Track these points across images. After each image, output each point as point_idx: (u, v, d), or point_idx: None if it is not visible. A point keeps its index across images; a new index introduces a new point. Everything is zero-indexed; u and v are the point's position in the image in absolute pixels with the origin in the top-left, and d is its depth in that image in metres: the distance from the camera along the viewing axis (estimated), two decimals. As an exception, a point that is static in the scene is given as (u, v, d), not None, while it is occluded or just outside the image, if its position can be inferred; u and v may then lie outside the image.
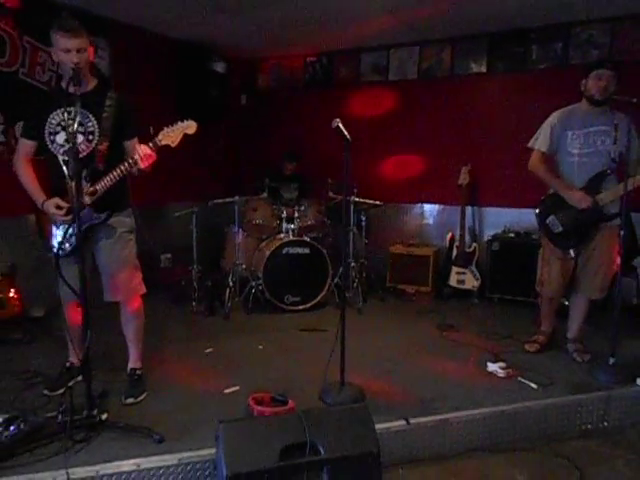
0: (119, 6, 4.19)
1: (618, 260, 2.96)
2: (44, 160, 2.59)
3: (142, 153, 2.35)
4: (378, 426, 2.18)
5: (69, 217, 2.45)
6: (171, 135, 2.41)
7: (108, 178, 2.42)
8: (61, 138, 2.47)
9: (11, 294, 3.61)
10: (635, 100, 2.77)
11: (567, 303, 3.47)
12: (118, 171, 2.42)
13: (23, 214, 3.75)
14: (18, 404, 2.53)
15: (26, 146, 2.58)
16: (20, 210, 3.66)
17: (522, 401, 2.67)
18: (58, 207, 2.44)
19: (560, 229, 3.15)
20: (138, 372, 2.79)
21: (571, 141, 3.11)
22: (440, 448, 2.46)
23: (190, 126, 2.45)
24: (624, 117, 2.99)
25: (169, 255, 5.23)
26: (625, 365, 2.96)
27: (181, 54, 5.25)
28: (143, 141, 2.49)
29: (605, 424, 2.71)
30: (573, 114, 3.14)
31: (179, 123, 2.43)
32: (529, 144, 3.24)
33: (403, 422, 2.43)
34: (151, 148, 2.39)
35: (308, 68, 5.89)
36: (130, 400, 2.60)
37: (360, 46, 5.48)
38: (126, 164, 2.41)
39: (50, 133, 2.49)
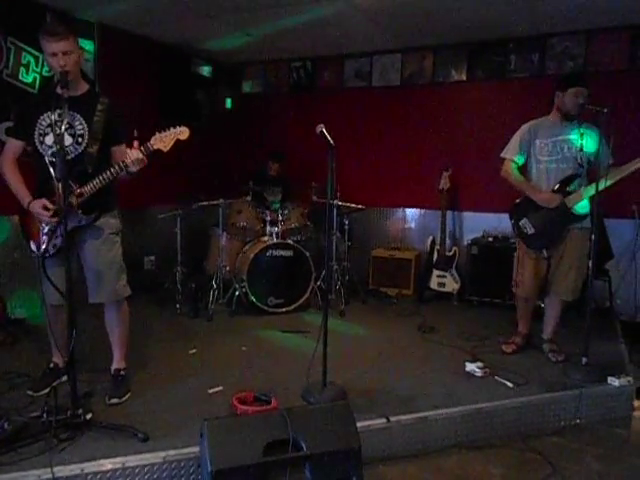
0: (103, 8, 4.20)
1: (589, 263, 3.07)
2: (30, 161, 2.60)
3: (133, 158, 2.38)
4: (359, 424, 2.23)
5: (55, 219, 2.47)
6: (164, 140, 2.45)
7: (97, 181, 2.45)
8: (50, 140, 2.49)
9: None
10: (606, 110, 2.90)
11: (543, 305, 3.59)
12: (107, 174, 2.44)
13: (4, 215, 3.75)
14: (2, 405, 2.53)
15: (14, 146, 2.60)
16: (2, 211, 3.66)
17: (498, 399, 2.75)
18: (45, 208, 2.45)
19: (532, 231, 3.28)
20: (122, 372, 2.81)
21: (539, 149, 3.26)
22: (419, 445, 2.53)
23: (183, 132, 2.49)
24: (592, 127, 3.14)
25: (153, 257, 5.23)
26: (597, 365, 3.06)
27: (166, 57, 5.28)
28: (128, 144, 2.53)
29: (577, 421, 2.81)
30: (541, 125, 3.29)
31: (172, 129, 2.47)
32: (501, 154, 3.38)
33: (384, 420, 2.49)
34: (142, 152, 2.42)
35: (293, 73, 5.96)
36: (114, 400, 2.62)
37: (344, 52, 5.56)
38: (116, 167, 2.44)
39: (40, 134, 2.51)
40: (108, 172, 2.45)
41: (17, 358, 3.21)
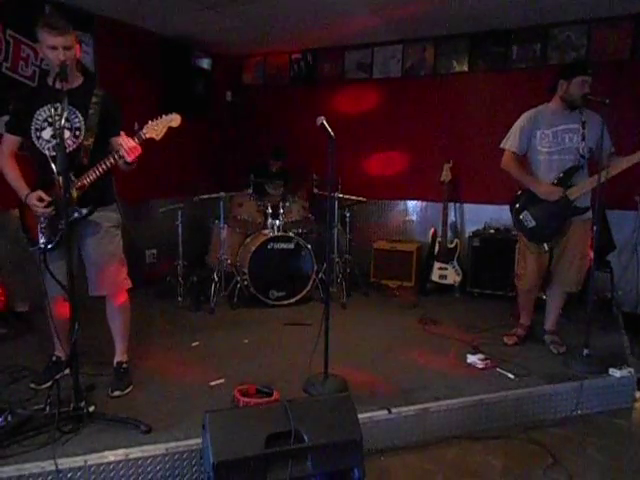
0: (103, 1, 4.18)
1: (591, 254, 3.06)
2: (28, 155, 2.59)
3: (126, 146, 2.37)
4: (361, 415, 2.23)
5: (49, 209, 2.47)
6: (155, 128, 2.44)
7: (94, 172, 2.45)
8: (47, 134, 2.49)
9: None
10: (608, 101, 2.87)
11: (545, 297, 3.58)
12: (104, 165, 2.45)
13: (6, 209, 3.75)
14: (5, 398, 2.54)
15: (11, 142, 2.59)
16: (3, 205, 3.66)
17: (500, 391, 2.76)
18: (40, 199, 2.46)
19: (533, 224, 3.25)
20: (124, 365, 2.82)
21: (540, 140, 3.21)
22: (421, 436, 2.54)
23: (174, 119, 2.48)
24: (593, 114, 3.10)
25: (154, 251, 5.23)
26: (598, 356, 3.06)
27: (166, 50, 5.24)
28: (128, 136, 2.52)
29: (578, 412, 2.81)
30: (542, 114, 3.23)
31: (163, 116, 2.47)
32: (501, 145, 3.34)
33: (385, 412, 2.50)
34: (136, 141, 2.42)
35: (293, 65, 5.93)
36: (117, 393, 2.63)
37: (344, 44, 5.52)
38: (112, 158, 2.43)
39: (36, 129, 2.50)
40: (104, 164, 2.44)
41: (20, 351, 3.22)
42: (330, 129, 2.62)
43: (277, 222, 4.51)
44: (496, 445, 2.54)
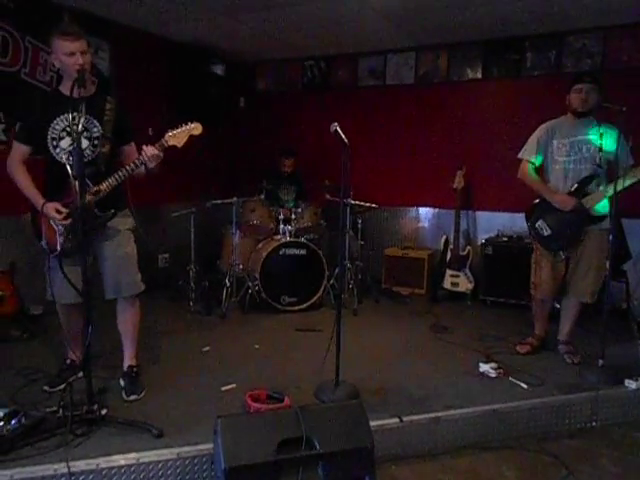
0: (119, 7, 4.24)
1: (607, 264, 3.03)
2: (41, 159, 2.60)
3: (149, 154, 2.40)
4: (372, 423, 2.21)
5: (68, 221, 2.49)
6: (177, 136, 2.49)
7: (113, 178, 2.47)
8: (66, 143, 2.50)
9: (9, 292, 3.64)
10: (624, 108, 2.86)
11: (559, 306, 3.54)
12: (124, 171, 2.47)
13: (22, 213, 3.79)
14: (18, 400, 2.56)
15: (22, 150, 2.58)
16: (19, 209, 3.70)
17: (512, 400, 2.73)
18: (57, 211, 2.47)
19: (549, 232, 3.24)
20: (136, 369, 2.83)
21: (557, 150, 3.24)
22: (432, 445, 2.52)
23: (196, 127, 2.53)
24: (611, 126, 3.09)
25: (167, 255, 5.27)
26: (613, 367, 3.02)
27: (180, 56, 5.29)
28: (142, 142, 2.54)
29: (593, 424, 2.77)
30: (559, 125, 3.27)
31: (185, 125, 2.50)
32: (519, 155, 3.37)
33: (396, 420, 2.48)
34: (158, 149, 2.45)
35: (306, 72, 5.95)
36: (133, 397, 2.64)
37: (358, 51, 5.54)
38: (132, 165, 2.46)
39: (53, 139, 2.51)
40: (124, 170, 2.47)
41: (34, 354, 3.26)
42: (344, 136, 2.62)
43: (289, 228, 4.52)
44: (509, 455, 2.51)
